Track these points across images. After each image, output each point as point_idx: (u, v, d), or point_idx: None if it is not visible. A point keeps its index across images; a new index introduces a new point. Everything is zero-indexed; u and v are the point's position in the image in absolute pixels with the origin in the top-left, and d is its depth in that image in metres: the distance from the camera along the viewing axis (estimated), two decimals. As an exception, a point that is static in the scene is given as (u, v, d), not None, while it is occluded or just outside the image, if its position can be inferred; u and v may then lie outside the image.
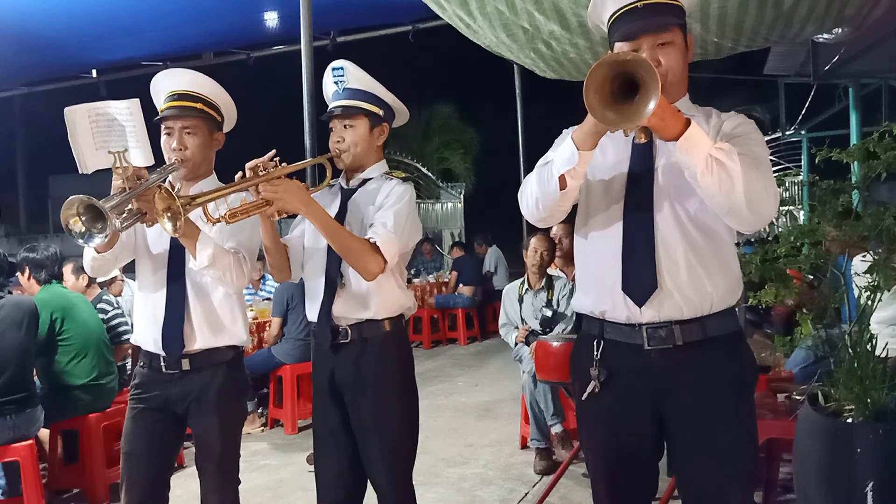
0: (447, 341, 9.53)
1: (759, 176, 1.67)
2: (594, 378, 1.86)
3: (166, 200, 2.03)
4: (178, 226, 2.03)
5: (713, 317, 1.80)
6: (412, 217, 2.33)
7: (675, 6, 1.81)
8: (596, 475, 1.97)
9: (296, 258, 2.41)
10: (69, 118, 2.31)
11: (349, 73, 2.37)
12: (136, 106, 2.33)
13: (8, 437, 3.41)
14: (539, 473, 4.16)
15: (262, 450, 4.94)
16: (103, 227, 2.01)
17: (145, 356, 2.45)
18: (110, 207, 2.01)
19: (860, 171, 2.41)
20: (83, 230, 2.04)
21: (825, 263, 2.43)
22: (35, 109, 9.80)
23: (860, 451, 2.00)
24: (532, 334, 4.39)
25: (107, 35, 7.57)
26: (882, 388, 2.07)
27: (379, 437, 2.29)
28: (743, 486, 1.83)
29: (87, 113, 2.31)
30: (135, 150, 2.31)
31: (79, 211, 2.03)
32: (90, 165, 2.35)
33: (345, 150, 2.36)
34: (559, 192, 1.78)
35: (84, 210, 2.03)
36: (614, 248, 1.83)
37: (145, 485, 2.38)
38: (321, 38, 8.43)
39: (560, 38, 4.62)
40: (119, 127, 2.33)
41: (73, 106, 2.31)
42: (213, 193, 2.14)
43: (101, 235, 2.03)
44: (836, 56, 6.49)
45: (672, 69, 1.79)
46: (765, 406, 2.97)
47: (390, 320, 2.34)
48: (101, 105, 2.32)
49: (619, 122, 1.58)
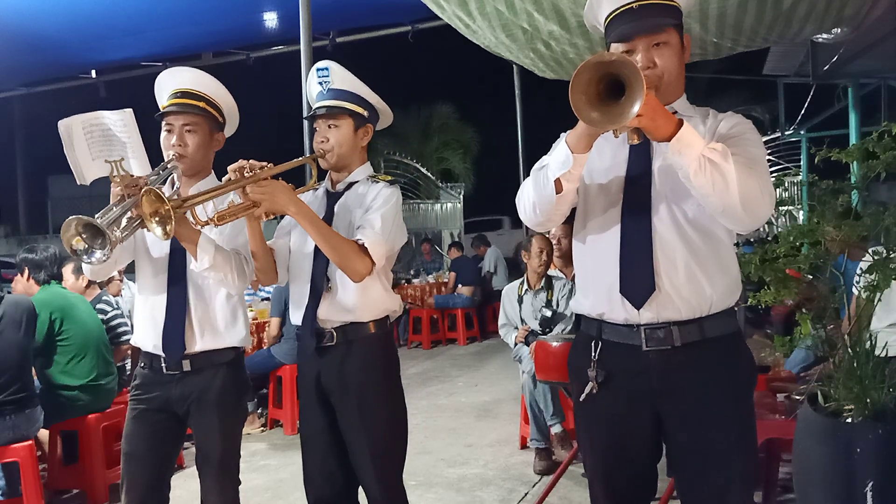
0: (447, 341, 9.54)
1: (754, 176, 1.66)
2: (592, 379, 1.85)
3: (154, 204, 2.01)
4: (168, 230, 2.01)
5: (712, 318, 1.80)
6: (398, 220, 2.34)
7: (671, 7, 1.80)
8: (594, 476, 1.97)
9: (282, 261, 2.42)
10: (64, 131, 2.30)
11: (334, 74, 2.37)
12: (129, 116, 2.33)
13: (7, 437, 3.41)
14: (539, 473, 4.16)
15: (262, 450, 4.94)
16: (103, 241, 2.00)
17: (146, 357, 2.45)
18: (107, 222, 2.00)
19: (859, 171, 2.41)
20: (85, 247, 2.04)
21: (825, 263, 2.43)
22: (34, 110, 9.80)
23: (860, 450, 2.00)
24: (532, 334, 4.39)
25: (106, 35, 7.58)
26: (882, 388, 2.07)
27: (367, 438, 2.29)
28: (742, 487, 1.83)
29: (81, 124, 2.31)
30: (131, 161, 2.32)
31: (78, 230, 2.03)
32: (88, 176, 2.36)
33: (329, 150, 2.37)
34: (555, 195, 1.78)
35: (83, 228, 2.03)
36: (612, 250, 1.83)
37: (146, 485, 2.38)
38: (320, 39, 8.44)
39: (559, 38, 4.63)
40: (114, 137, 2.34)
41: (67, 119, 2.31)
42: (202, 196, 2.14)
43: (102, 250, 2.02)
44: (835, 56, 6.50)
45: (668, 70, 1.79)
46: (764, 406, 2.97)
47: (375, 322, 2.35)
48: (95, 115, 2.32)
49: (605, 122, 1.58)
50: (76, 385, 3.93)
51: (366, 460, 2.30)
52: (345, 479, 2.37)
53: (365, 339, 2.33)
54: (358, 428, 2.30)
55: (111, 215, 2.04)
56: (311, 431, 2.39)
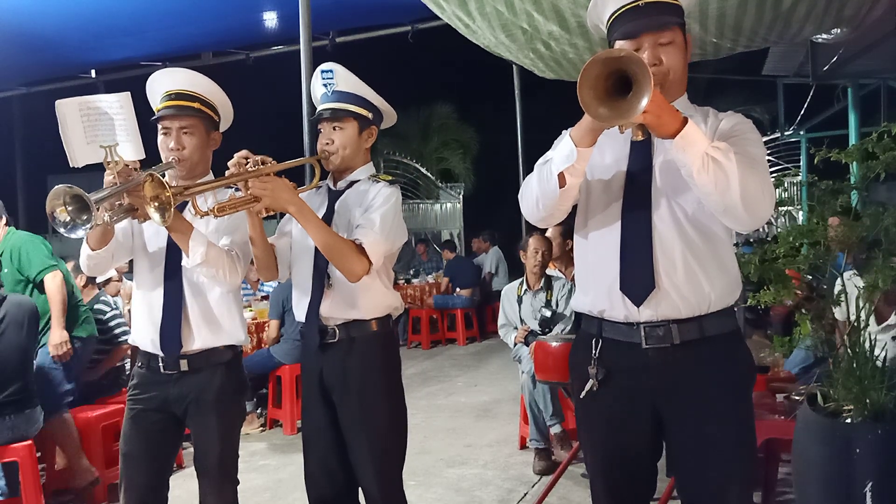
0: (446, 341, 9.53)
1: (755, 175, 1.67)
2: (592, 377, 1.86)
3: (156, 189, 2.02)
4: (166, 216, 2.02)
5: (711, 316, 1.80)
6: (398, 219, 2.34)
7: (675, 5, 1.82)
8: (594, 475, 1.97)
9: (283, 258, 2.43)
10: (60, 112, 2.30)
11: (338, 76, 2.38)
12: (126, 99, 2.32)
13: (7, 437, 3.41)
14: (538, 474, 4.16)
15: (261, 450, 4.94)
16: (88, 218, 1.99)
17: (143, 357, 2.45)
18: (97, 199, 1.99)
19: (859, 172, 2.42)
20: (67, 220, 2.02)
21: (824, 264, 2.43)
22: (34, 110, 9.79)
23: (859, 451, 2.00)
24: (531, 335, 4.39)
25: (106, 35, 7.57)
26: (881, 389, 2.07)
27: (366, 437, 2.29)
28: (742, 486, 1.83)
29: (77, 107, 2.30)
30: (126, 144, 2.30)
31: (65, 200, 2.01)
32: (81, 160, 2.35)
33: (333, 152, 2.37)
34: (559, 190, 1.78)
35: (70, 200, 2.01)
36: (613, 247, 1.83)
37: (144, 486, 2.38)
38: (320, 39, 8.43)
39: (559, 38, 4.63)
40: (110, 121, 2.32)
41: (65, 99, 2.31)
42: (203, 185, 2.14)
43: (84, 227, 2.01)
44: (834, 56, 6.50)
45: (673, 68, 1.80)
46: (764, 406, 2.97)
47: (378, 320, 2.35)
48: (92, 99, 2.31)
49: (613, 118, 1.59)
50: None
51: (365, 458, 2.30)
52: (345, 476, 2.37)
53: (367, 337, 2.33)
54: (358, 425, 2.30)
55: (101, 195, 2.03)
56: (313, 428, 2.40)
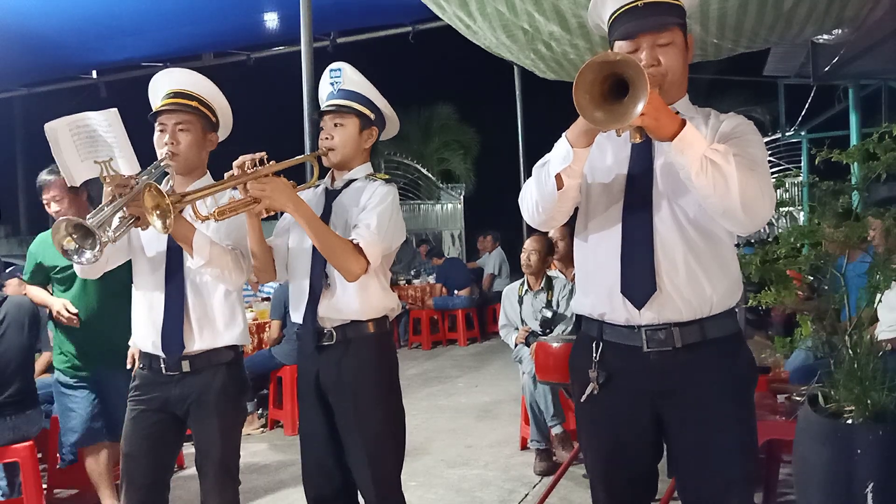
0: (447, 342, 9.52)
1: (755, 177, 1.66)
2: (593, 380, 1.85)
3: (156, 198, 2.04)
4: (167, 224, 2.04)
5: (712, 318, 1.80)
6: (396, 218, 2.34)
7: (676, 6, 1.80)
8: (595, 476, 1.97)
9: (280, 259, 2.43)
10: (50, 135, 2.33)
11: (346, 75, 2.42)
12: (113, 116, 2.35)
13: (8, 438, 3.41)
14: (539, 474, 4.15)
15: (262, 451, 4.93)
16: (94, 242, 2.03)
17: (144, 357, 2.45)
18: (97, 223, 2.03)
19: (860, 172, 2.41)
20: (76, 248, 2.06)
21: (825, 264, 2.43)
22: (35, 110, 9.80)
23: (860, 452, 2.00)
24: (532, 335, 4.39)
25: (107, 36, 7.59)
26: (882, 389, 2.07)
27: (363, 438, 2.29)
28: (743, 488, 1.83)
29: (67, 127, 2.34)
30: (120, 160, 2.34)
31: (68, 231, 2.05)
32: (78, 178, 2.39)
33: (332, 147, 2.39)
34: (556, 192, 1.78)
35: (73, 229, 2.05)
36: (613, 249, 1.83)
37: (145, 486, 2.38)
38: (321, 39, 8.44)
39: (560, 39, 4.63)
40: (100, 137, 2.36)
41: (52, 122, 2.34)
42: (202, 191, 2.16)
43: (92, 250, 2.05)
44: (835, 57, 6.50)
45: (672, 69, 1.79)
46: (765, 407, 2.97)
47: (374, 322, 2.35)
48: (81, 117, 2.35)
49: (609, 122, 1.57)
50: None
51: (361, 460, 2.30)
52: (343, 477, 2.37)
53: (363, 339, 2.33)
54: (353, 427, 2.30)
55: (102, 215, 2.06)
56: (310, 430, 2.40)
